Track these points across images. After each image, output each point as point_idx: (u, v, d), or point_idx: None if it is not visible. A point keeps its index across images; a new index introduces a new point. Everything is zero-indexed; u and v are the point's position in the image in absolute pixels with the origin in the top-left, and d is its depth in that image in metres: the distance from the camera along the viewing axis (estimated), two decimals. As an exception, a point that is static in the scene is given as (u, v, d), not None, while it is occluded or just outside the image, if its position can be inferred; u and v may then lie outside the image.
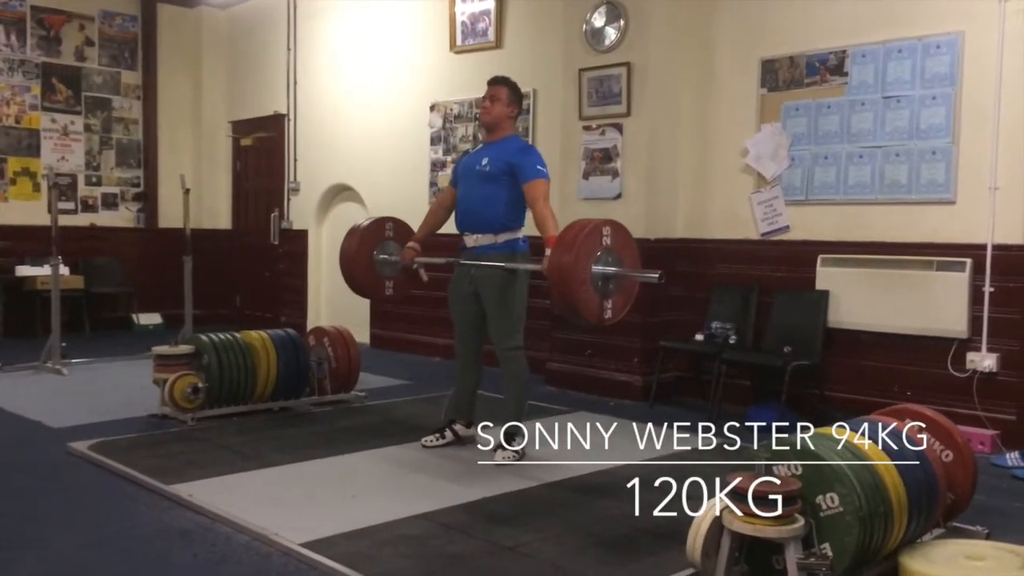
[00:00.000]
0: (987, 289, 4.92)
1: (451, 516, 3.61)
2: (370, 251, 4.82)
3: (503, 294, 4.41)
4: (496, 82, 4.63)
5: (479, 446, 4.68)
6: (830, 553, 2.59)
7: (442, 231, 4.84)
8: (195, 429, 5.03)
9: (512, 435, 4.48)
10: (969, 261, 4.97)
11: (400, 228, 4.92)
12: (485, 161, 4.46)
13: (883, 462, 2.75)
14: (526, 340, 4.56)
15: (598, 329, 4.04)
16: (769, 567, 2.68)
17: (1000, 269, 4.91)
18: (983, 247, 4.95)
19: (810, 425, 4.80)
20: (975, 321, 4.97)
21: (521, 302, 4.48)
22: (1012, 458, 4.57)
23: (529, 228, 4.53)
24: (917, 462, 2.87)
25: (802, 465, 2.67)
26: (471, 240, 4.50)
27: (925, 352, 5.14)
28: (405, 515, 3.59)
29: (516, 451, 4.45)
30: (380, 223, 4.93)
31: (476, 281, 4.47)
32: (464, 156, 4.76)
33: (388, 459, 4.53)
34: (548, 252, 3.99)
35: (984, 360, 4.93)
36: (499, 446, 4.46)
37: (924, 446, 2.99)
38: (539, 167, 4.39)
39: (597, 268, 3.86)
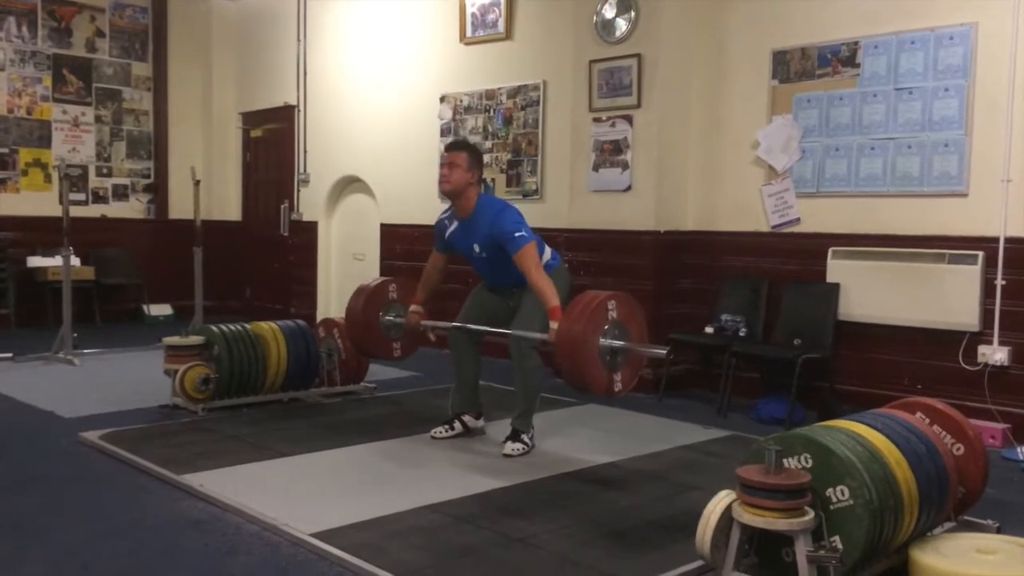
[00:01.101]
0: (999, 282, 4.90)
1: (460, 507, 3.62)
2: (376, 313, 4.86)
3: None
4: (454, 148, 4.56)
5: (477, 433, 4.69)
6: (840, 546, 2.59)
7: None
8: (205, 420, 5.05)
9: (522, 427, 4.48)
10: (981, 254, 4.95)
11: (404, 288, 4.96)
12: (477, 249, 4.46)
13: (893, 455, 2.74)
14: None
15: (608, 395, 4.04)
16: (779, 560, 2.68)
17: (1012, 262, 4.88)
18: (995, 240, 4.92)
19: (820, 418, 4.80)
20: (987, 314, 4.95)
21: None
22: (1023, 452, 4.55)
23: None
24: (927, 455, 2.86)
25: (812, 458, 2.67)
26: (509, 293, 4.55)
27: (936, 345, 5.12)
28: (414, 506, 3.60)
29: (526, 443, 4.45)
30: (384, 286, 4.99)
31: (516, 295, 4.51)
32: (444, 229, 4.65)
33: (397, 450, 4.54)
34: (554, 325, 3.96)
35: (996, 353, 4.91)
36: (509, 437, 4.46)
37: (935, 439, 2.98)
38: (518, 234, 4.28)
39: (605, 342, 3.84)
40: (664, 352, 4.05)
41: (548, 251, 4.54)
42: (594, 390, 3.86)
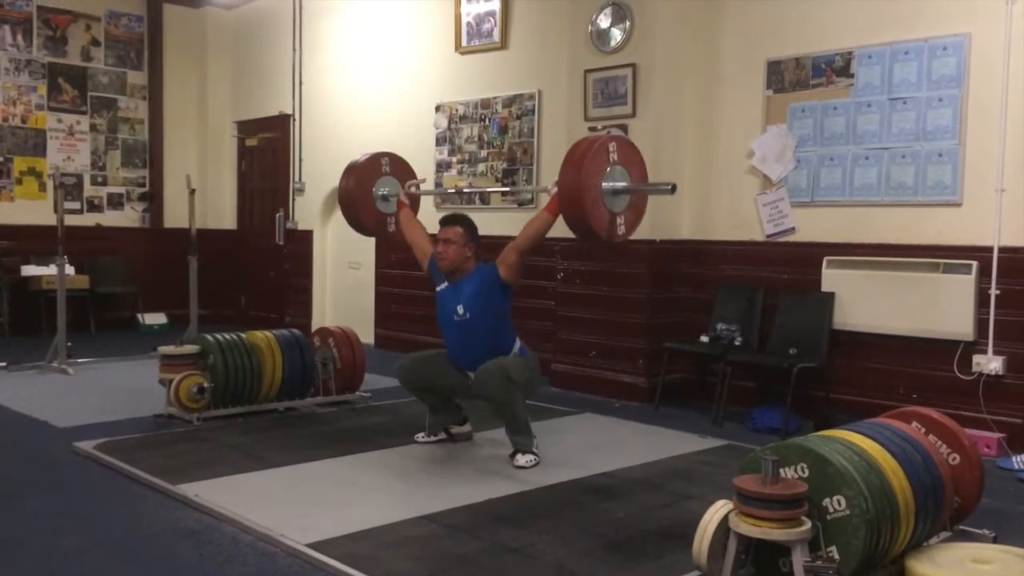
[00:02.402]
0: (993, 291, 4.91)
1: (456, 517, 3.61)
2: (370, 189, 4.82)
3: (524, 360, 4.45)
4: (449, 222, 4.56)
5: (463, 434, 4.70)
6: (837, 556, 2.59)
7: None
8: (201, 429, 5.04)
9: (526, 440, 4.45)
10: (975, 263, 4.96)
11: (396, 162, 4.90)
12: (461, 310, 4.45)
13: (890, 465, 2.74)
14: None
15: (611, 246, 4.05)
16: (776, 570, 2.68)
17: (1006, 271, 4.89)
18: (989, 249, 4.93)
19: (816, 427, 4.81)
20: (981, 323, 4.96)
21: (525, 365, 4.43)
22: (1018, 461, 4.56)
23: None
24: (923, 465, 2.86)
25: (809, 467, 2.67)
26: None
27: (931, 354, 5.13)
28: (410, 516, 3.59)
29: (535, 453, 4.43)
30: (376, 159, 4.91)
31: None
32: (438, 275, 4.63)
33: (393, 460, 4.53)
34: (553, 189, 4.02)
35: (990, 363, 4.92)
36: (517, 451, 4.44)
37: (930, 449, 2.98)
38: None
39: (607, 185, 3.84)
40: (669, 188, 4.01)
41: (518, 342, 4.54)
42: (598, 231, 3.87)
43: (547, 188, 4.12)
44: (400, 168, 4.95)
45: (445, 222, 4.59)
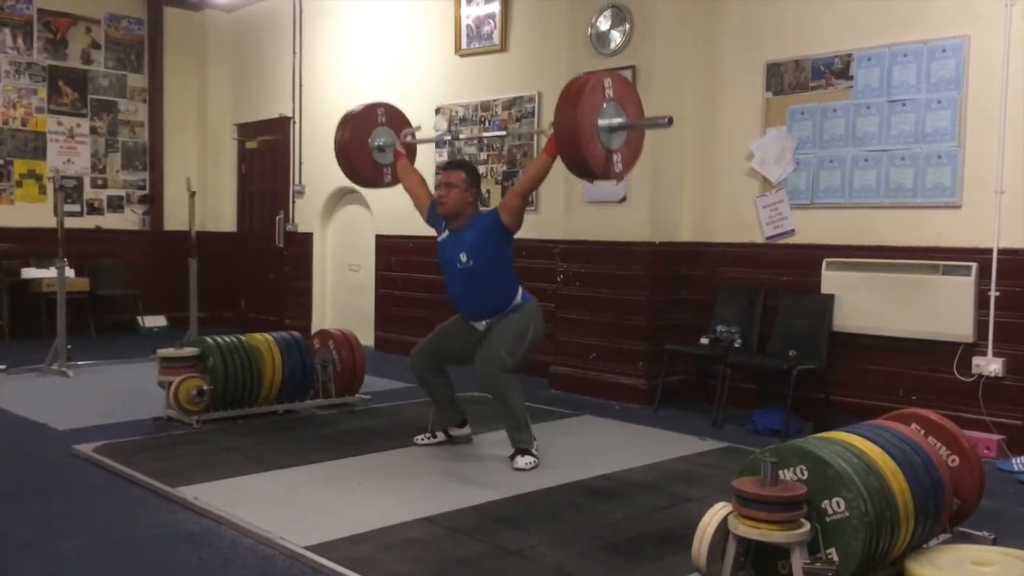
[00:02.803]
0: (993, 293, 4.91)
1: (456, 519, 3.61)
2: (365, 138, 4.81)
3: (520, 321, 4.46)
4: (451, 167, 4.60)
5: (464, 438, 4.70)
6: (836, 558, 2.59)
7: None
8: (200, 432, 5.03)
9: (525, 441, 4.46)
10: (975, 265, 4.96)
11: (391, 113, 4.89)
12: (464, 258, 4.44)
13: (889, 467, 2.74)
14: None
15: (608, 178, 4.09)
16: (775, 572, 2.67)
17: (1006, 273, 4.89)
18: (989, 251, 4.94)
19: (815, 429, 4.81)
20: (981, 325, 4.96)
21: (528, 336, 4.45)
22: (1018, 463, 4.55)
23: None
24: (923, 467, 2.86)
25: (808, 469, 2.67)
26: (480, 325, 4.53)
27: (931, 356, 5.13)
28: (410, 518, 3.59)
29: (534, 455, 4.44)
30: (371, 109, 4.91)
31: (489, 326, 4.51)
32: (433, 207, 4.66)
33: (393, 462, 4.53)
34: (550, 130, 4.05)
35: (990, 364, 4.92)
36: (517, 452, 4.45)
37: (930, 451, 2.98)
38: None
39: (603, 122, 3.85)
40: (665, 121, 4.02)
41: (520, 290, 4.55)
42: (594, 169, 3.89)
43: (544, 130, 4.14)
44: (396, 118, 4.93)
45: (447, 167, 4.62)
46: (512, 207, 4.41)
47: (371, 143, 4.85)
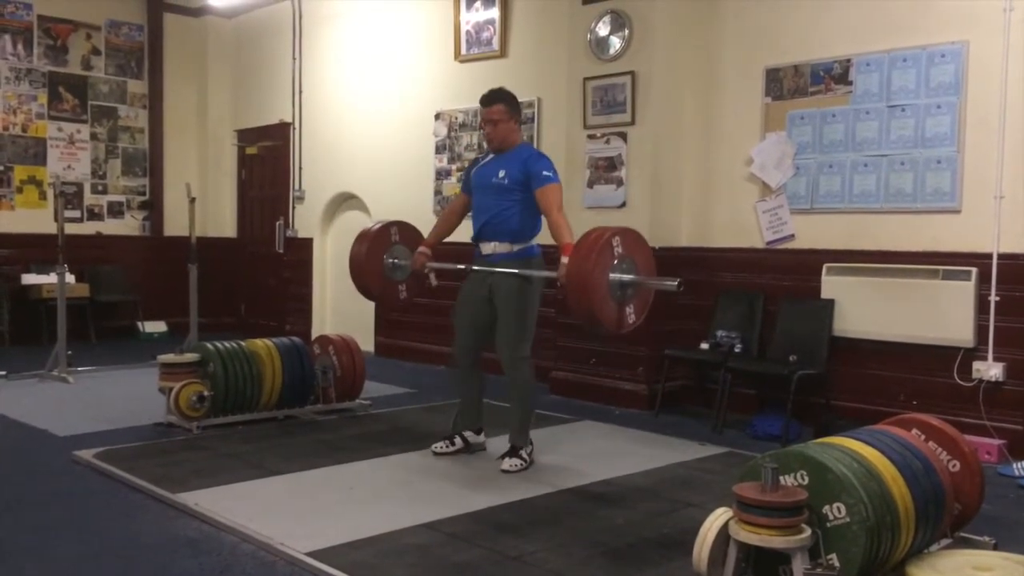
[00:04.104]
0: (993, 298, 4.91)
1: (456, 525, 3.61)
2: (380, 257, 4.84)
3: (518, 300, 4.43)
4: (490, 101, 4.55)
5: (478, 450, 4.69)
6: (837, 564, 2.59)
7: (452, 239, 4.84)
8: (200, 437, 5.03)
9: (520, 442, 4.47)
10: (975, 270, 4.96)
11: (405, 231, 4.93)
12: (502, 174, 4.45)
13: (890, 472, 2.74)
14: (532, 347, 4.56)
15: (616, 336, 4.09)
16: (775, 577, 2.67)
17: (1006, 278, 4.90)
18: (988, 256, 4.94)
19: (816, 434, 4.81)
20: (981, 330, 4.96)
21: (533, 310, 4.49)
22: (1019, 468, 4.55)
23: (542, 236, 4.55)
24: (924, 472, 2.86)
25: (808, 475, 2.67)
26: (488, 248, 4.52)
27: (931, 361, 5.13)
28: (410, 524, 3.59)
29: (524, 459, 4.44)
30: (386, 228, 4.94)
31: (492, 287, 4.48)
32: (475, 165, 4.72)
33: (393, 467, 4.53)
34: (564, 260, 4.01)
35: (990, 369, 4.92)
36: (507, 453, 4.46)
37: (931, 456, 2.98)
38: (547, 173, 4.39)
39: (614, 276, 3.87)
40: (675, 284, 4.05)
41: (535, 243, 4.56)
42: (606, 325, 3.90)
43: (556, 279, 4.17)
44: (409, 235, 4.96)
45: (485, 100, 4.56)
46: (545, 207, 4.35)
47: (386, 261, 4.89)
